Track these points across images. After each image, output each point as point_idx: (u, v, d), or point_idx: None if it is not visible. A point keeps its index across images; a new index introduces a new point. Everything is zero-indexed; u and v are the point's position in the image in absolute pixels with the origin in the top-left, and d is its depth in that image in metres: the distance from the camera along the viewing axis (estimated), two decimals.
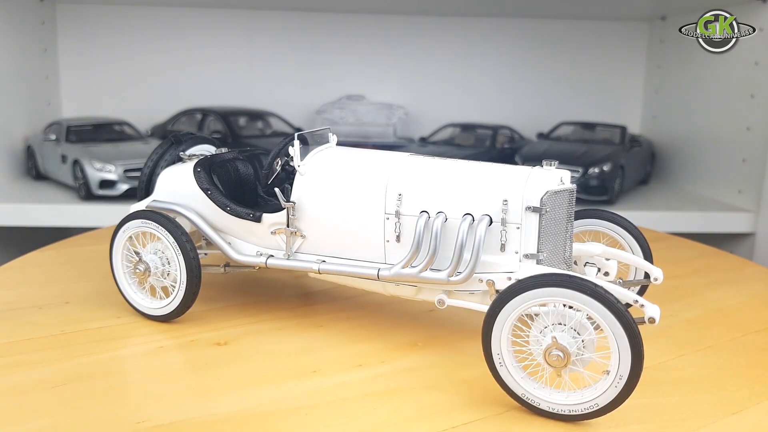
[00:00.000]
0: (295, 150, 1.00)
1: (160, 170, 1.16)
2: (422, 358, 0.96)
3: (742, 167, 2.21)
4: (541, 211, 0.88)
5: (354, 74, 2.86)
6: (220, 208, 1.06)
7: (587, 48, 2.88)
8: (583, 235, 1.10)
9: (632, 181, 2.44)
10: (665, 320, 0.89)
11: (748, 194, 2.18)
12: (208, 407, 0.81)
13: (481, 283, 0.90)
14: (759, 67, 2.12)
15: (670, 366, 0.95)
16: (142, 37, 2.75)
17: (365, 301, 1.18)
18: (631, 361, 0.73)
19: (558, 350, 0.76)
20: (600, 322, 0.74)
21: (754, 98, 2.15)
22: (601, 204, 2.16)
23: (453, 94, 2.90)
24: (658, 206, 2.26)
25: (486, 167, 0.97)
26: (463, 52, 2.89)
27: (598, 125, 2.55)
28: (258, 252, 1.05)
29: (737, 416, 0.82)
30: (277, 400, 0.83)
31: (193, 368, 0.93)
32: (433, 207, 0.93)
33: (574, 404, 0.77)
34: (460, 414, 0.80)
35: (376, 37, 2.85)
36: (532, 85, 2.90)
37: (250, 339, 1.03)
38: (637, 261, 1.04)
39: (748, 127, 2.18)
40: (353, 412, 0.81)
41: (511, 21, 2.85)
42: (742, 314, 1.17)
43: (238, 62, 2.82)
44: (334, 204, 0.99)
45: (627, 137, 2.44)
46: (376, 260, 0.98)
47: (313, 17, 2.80)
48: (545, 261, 0.90)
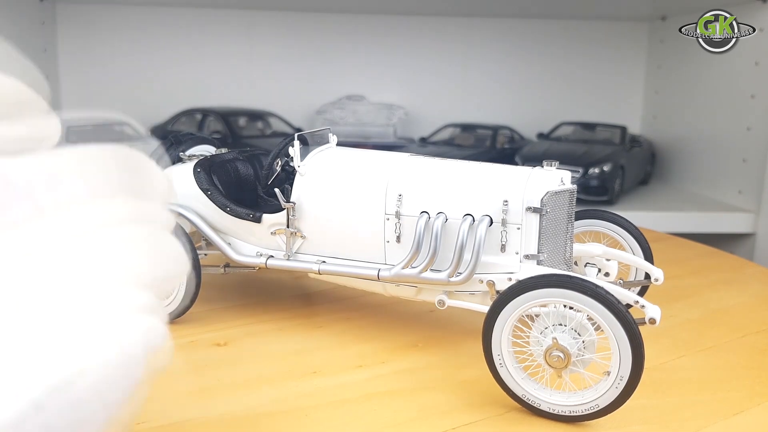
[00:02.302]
0: (295, 150, 1.00)
1: None
2: (422, 359, 0.96)
3: (742, 167, 2.21)
4: (541, 212, 0.88)
5: (354, 74, 2.86)
6: (220, 209, 1.05)
7: (587, 48, 2.88)
8: (583, 236, 1.09)
9: (632, 181, 2.44)
10: (666, 321, 0.89)
11: (748, 194, 2.18)
12: (208, 407, 0.81)
13: (482, 283, 0.90)
14: (759, 67, 2.12)
15: (671, 367, 0.95)
16: (142, 37, 2.75)
17: (365, 302, 1.18)
18: (631, 362, 0.73)
19: (558, 351, 0.76)
20: (600, 322, 0.74)
21: (754, 98, 2.15)
22: (602, 204, 2.16)
23: (453, 94, 2.90)
24: (658, 206, 2.26)
25: (486, 168, 0.97)
26: (463, 52, 2.89)
27: (598, 125, 2.55)
28: (258, 252, 1.05)
29: (738, 417, 0.82)
30: (277, 401, 0.83)
31: (193, 369, 0.93)
32: (434, 207, 0.93)
33: (574, 405, 0.77)
34: (461, 415, 0.80)
35: (376, 37, 2.85)
36: (532, 85, 2.90)
37: (250, 339, 1.02)
38: (637, 261, 1.04)
39: (748, 127, 2.18)
40: (353, 413, 0.81)
41: (511, 21, 2.85)
42: (743, 315, 1.17)
43: (238, 62, 2.82)
44: (334, 204, 0.98)
45: (627, 137, 2.44)
46: (376, 261, 0.97)
47: (313, 17, 2.80)
48: (546, 262, 0.90)
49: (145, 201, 0.37)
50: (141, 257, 0.34)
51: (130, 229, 0.34)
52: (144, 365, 0.30)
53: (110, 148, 0.37)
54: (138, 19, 2.74)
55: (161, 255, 0.35)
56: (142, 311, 0.31)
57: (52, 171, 0.33)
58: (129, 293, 0.31)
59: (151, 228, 0.36)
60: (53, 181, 0.32)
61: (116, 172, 0.36)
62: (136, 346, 0.30)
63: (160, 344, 0.32)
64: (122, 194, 0.35)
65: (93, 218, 0.33)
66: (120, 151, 0.37)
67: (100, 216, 0.34)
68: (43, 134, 0.37)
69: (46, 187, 0.32)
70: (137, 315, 0.31)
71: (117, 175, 0.36)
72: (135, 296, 0.32)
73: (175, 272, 0.36)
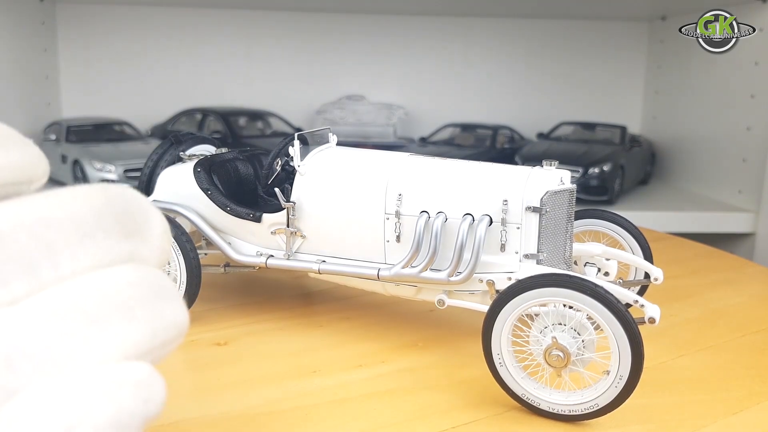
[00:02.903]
0: (295, 150, 1.00)
1: (160, 170, 1.16)
2: (422, 359, 0.96)
3: (742, 167, 2.21)
4: (541, 211, 0.88)
5: (354, 74, 2.86)
6: (220, 208, 1.06)
7: (587, 48, 2.88)
8: (583, 235, 1.09)
9: (632, 181, 2.44)
10: (665, 320, 0.89)
11: (748, 194, 2.18)
12: (208, 407, 0.81)
13: (482, 283, 0.90)
14: (759, 67, 2.12)
15: (671, 366, 0.95)
16: (142, 37, 2.76)
17: (365, 302, 1.18)
18: (631, 361, 0.73)
19: (558, 350, 0.76)
20: (600, 322, 0.74)
21: (754, 98, 2.15)
22: (601, 204, 2.17)
23: (453, 94, 2.90)
24: (658, 206, 2.26)
25: (486, 167, 0.97)
26: (463, 52, 2.89)
27: (598, 125, 2.55)
28: (258, 252, 1.05)
29: (737, 416, 0.82)
30: (277, 400, 0.83)
31: (193, 368, 0.93)
32: (433, 207, 0.93)
33: (574, 404, 0.77)
34: (461, 414, 0.80)
35: (376, 37, 2.85)
36: (532, 85, 2.90)
37: (251, 339, 1.03)
38: (637, 261, 1.04)
39: (748, 127, 2.18)
40: (353, 413, 0.81)
41: (511, 21, 2.86)
42: (742, 314, 1.17)
43: (238, 62, 2.82)
44: (334, 204, 0.99)
45: (627, 137, 2.44)
46: (376, 260, 0.97)
47: (313, 17, 2.80)
48: (545, 261, 0.90)
49: (141, 243, 0.34)
50: (138, 324, 0.31)
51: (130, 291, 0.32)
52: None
53: (100, 187, 0.34)
54: (138, 19, 2.74)
55: (158, 313, 0.33)
56: (137, 385, 0.29)
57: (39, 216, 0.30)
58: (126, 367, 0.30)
59: (147, 275, 0.33)
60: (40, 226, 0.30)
61: (108, 214, 0.33)
62: (132, 417, 0.29)
63: (156, 413, 0.30)
64: (116, 236, 0.33)
65: (84, 264, 0.31)
66: (111, 191, 0.34)
67: (91, 261, 0.31)
68: (31, 175, 0.34)
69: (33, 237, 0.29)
70: (132, 389, 0.29)
71: (109, 216, 0.33)
72: (130, 370, 0.30)
73: (172, 338, 0.33)
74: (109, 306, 0.31)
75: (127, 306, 0.31)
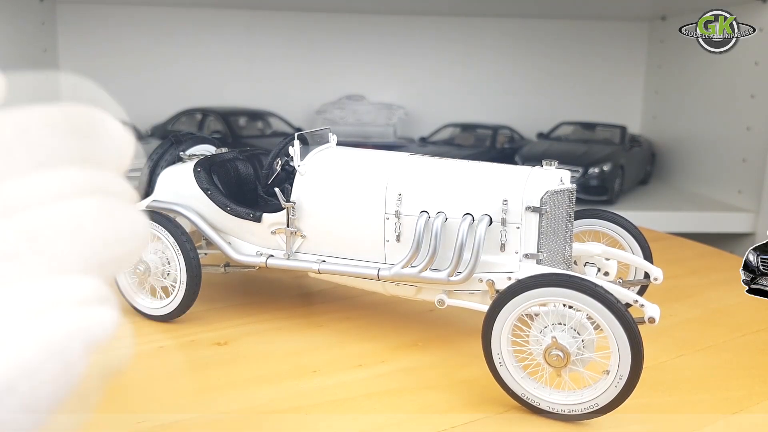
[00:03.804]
0: (295, 150, 1.00)
1: (160, 170, 1.16)
2: (422, 358, 0.96)
3: (742, 167, 2.21)
4: (541, 211, 0.88)
5: (354, 74, 2.86)
6: (220, 208, 1.06)
7: (587, 48, 2.88)
8: (583, 235, 1.10)
9: (632, 181, 2.44)
10: (665, 320, 0.89)
11: (748, 194, 2.18)
12: (208, 406, 0.81)
13: (481, 282, 0.90)
14: (759, 67, 2.12)
15: (670, 366, 0.95)
16: (142, 37, 2.75)
17: (365, 301, 1.18)
18: (631, 361, 0.73)
19: (558, 350, 0.76)
20: (600, 321, 0.74)
21: (754, 98, 2.15)
22: (601, 204, 2.16)
23: (453, 94, 2.90)
24: (658, 206, 2.26)
25: (486, 167, 0.97)
26: (463, 52, 2.89)
27: (598, 125, 2.55)
28: (258, 252, 1.05)
29: (737, 416, 0.82)
30: (277, 400, 0.83)
31: (193, 368, 0.93)
32: (433, 207, 0.93)
33: (574, 404, 0.77)
34: (460, 414, 0.80)
35: (376, 37, 2.85)
36: (532, 85, 2.90)
37: (250, 339, 1.03)
38: (637, 261, 1.04)
39: (748, 127, 2.18)
40: (353, 412, 0.81)
41: (511, 21, 2.85)
42: (742, 314, 1.17)
43: (238, 62, 2.82)
44: (334, 204, 0.99)
45: (627, 137, 2.44)
46: (376, 260, 0.98)
47: (313, 17, 2.80)
48: (545, 261, 0.90)
49: (101, 169, 0.32)
50: (86, 237, 0.29)
51: (76, 203, 0.30)
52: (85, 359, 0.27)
53: (59, 108, 0.32)
54: (138, 19, 2.74)
55: (112, 231, 0.30)
56: (84, 303, 0.27)
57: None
58: (70, 283, 0.28)
59: (105, 200, 0.31)
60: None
61: (65, 137, 0.31)
62: (73, 341, 0.27)
63: (106, 334, 0.28)
64: (72, 162, 0.31)
65: (34, 193, 0.29)
66: (71, 112, 0.32)
67: (42, 190, 0.29)
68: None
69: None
70: (77, 307, 0.27)
71: (67, 140, 0.31)
72: (77, 286, 0.28)
73: (130, 249, 0.31)
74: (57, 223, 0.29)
75: (78, 221, 0.30)
